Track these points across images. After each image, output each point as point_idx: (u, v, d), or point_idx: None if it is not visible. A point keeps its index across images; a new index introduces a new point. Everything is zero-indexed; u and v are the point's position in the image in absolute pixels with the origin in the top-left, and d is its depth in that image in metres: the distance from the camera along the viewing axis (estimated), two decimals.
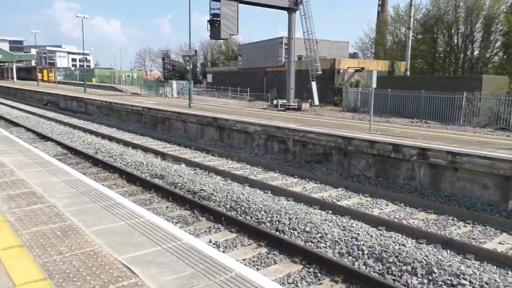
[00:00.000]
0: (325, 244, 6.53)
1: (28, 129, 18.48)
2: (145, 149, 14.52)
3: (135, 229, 3.97)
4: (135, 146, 15.09)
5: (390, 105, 24.67)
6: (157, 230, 3.96)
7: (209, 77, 58.74)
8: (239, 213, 8.20)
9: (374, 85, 13.38)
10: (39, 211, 4.39)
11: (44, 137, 16.38)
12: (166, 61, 41.29)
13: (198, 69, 73.36)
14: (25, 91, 40.81)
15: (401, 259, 5.79)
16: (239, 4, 23.23)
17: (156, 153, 13.95)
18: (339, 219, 7.61)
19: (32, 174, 6.05)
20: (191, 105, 23.35)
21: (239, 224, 7.40)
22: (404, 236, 6.85)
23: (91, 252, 3.42)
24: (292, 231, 7.01)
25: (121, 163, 12.28)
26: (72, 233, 3.80)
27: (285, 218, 7.48)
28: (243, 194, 9.17)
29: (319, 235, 6.77)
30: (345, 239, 6.54)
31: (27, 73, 76.85)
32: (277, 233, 6.99)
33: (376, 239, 6.48)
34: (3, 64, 77.95)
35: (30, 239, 3.64)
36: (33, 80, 63.88)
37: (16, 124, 20.14)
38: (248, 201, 8.65)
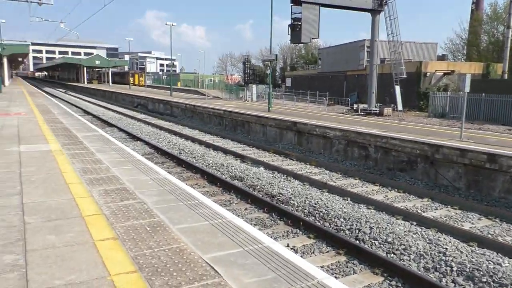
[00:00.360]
0: (409, 257, 6.18)
1: (120, 129, 19.94)
2: (226, 151, 14.92)
3: (218, 229, 4.07)
4: (216, 148, 15.57)
5: (484, 111, 22.80)
6: (239, 232, 4.03)
7: (288, 81, 58.98)
8: (317, 218, 8.08)
9: (467, 89, 12.46)
10: (131, 207, 4.69)
11: (134, 137, 17.56)
12: (246, 65, 42.16)
13: (277, 73, 74.01)
14: (119, 94, 44.21)
15: (496, 280, 5.29)
16: (320, 8, 23.01)
17: (236, 155, 14.27)
18: (424, 231, 7.17)
19: (125, 171, 6.50)
20: (270, 109, 23.60)
21: (317, 230, 7.28)
22: (499, 255, 6.25)
23: (177, 249, 3.57)
24: (373, 241, 6.74)
25: (202, 164, 12.73)
26: (160, 230, 4.01)
27: (366, 227, 7.22)
28: (321, 199, 9.02)
29: (402, 247, 6.43)
30: (431, 253, 6.14)
31: (120, 78, 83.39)
32: (357, 241, 6.77)
33: (466, 256, 5.99)
34: (100, 69, 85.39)
35: (123, 233, 3.90)
36: (126, 84, 69.06)
37: (110, 124, 21.84)
38: (327, 207, 8.49)
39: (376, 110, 26.45)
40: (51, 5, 32.71)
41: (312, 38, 24.53)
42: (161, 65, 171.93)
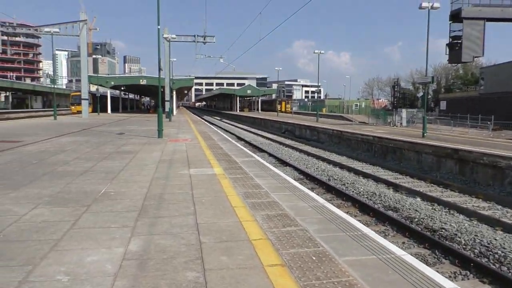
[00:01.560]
0: None
1: (270, 154, 20.82)
2: (377, 179, 14.29)
3: (387, 265, 3.81)
4: (366, 175, 15.04)
5: None
6: (411, 270, 3.71)
7: (442, 104, 54.44)
8: (491, 261, 7.06)
9: None
10: (294, 234, 4.74)
11: (284, 162, 18.11)
12: (396, 89, 40.39)
13: (429, 96, 69.08)
14: (267, 121, 46.62)
15: None
16: (486, 22, 20.80)
17: (388, 183, 13.55)
18: None
19: (283, 197, 6.67)
20: (425, 134, 21.95)
21: (493, 275, 6.34)
22: None
23: (347, 283, 3.43)
24: None
25: (353, 191, 12.41)
26: (326, 260, 3.93)
27: None
28: (495, 239, 7.89)
29: None
30: None
31: (268, 105, 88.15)
32: None
33: None
34: (251, 97, 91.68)
35: (289, 260, 3.93)
36: (273, 111, 72.64)
37: (261, 150, 23.02)
38: (504, 248, 7.38)
39: None
40: (213, 42, 36.61)
41: (475, 57, 22.25)
42: (306, 91, 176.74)
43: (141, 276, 3.56)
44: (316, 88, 58.71)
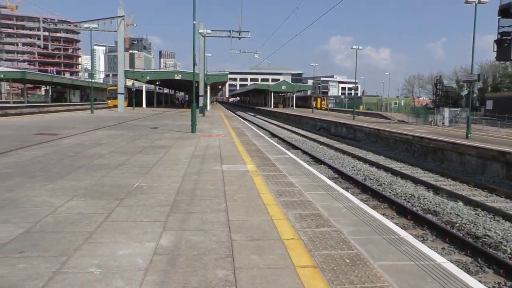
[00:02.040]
0: None
1: (304, 152, 20.67)
2: (415, 181, 13.90)
3: (426, 272, 3.67)
4: (404, 176, 14.67)
5: None
6: (451, 279, 3.56)
7: (489, 104, 52.24)
8: None
9: None
10: (327, 235, 4.66)
11: (318, 160, 17.93)
12: (438, 87, 39.00)
13: (474, 95, 66.54)
14: (302, 118, 46.33)
15: None
16: None
17: (428, 185, 13.15)
18: None
19: (317, 196, 6.58)
20: (469, 135, 21.14)
21: None
22: None
23: None
24: None
25: (390, 193, 12.13)
26: (360, 263, 3.83)
27: None
28: None
29: None
30: None
31: (303, 101, 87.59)
32: None
33: None
34: (285, 93, 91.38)
35: (322, 262, 3.86)
36: (308, 108, 72.04)
37: (295, 147, 22.89)
38: None
39: None
40: (248, 38, 36.73)
41: None
42: (343, 88, 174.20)
43: (171, 271, 3.60)
44: (353, 85, 57.70)
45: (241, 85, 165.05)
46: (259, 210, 5.67)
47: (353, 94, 56.81)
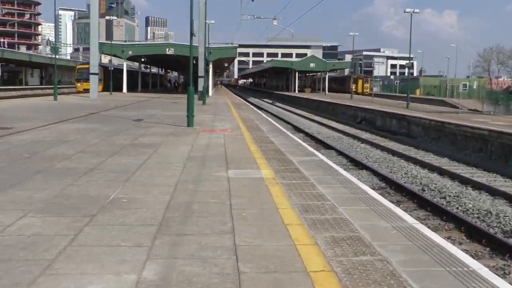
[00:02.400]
0: None
1: (339, 153, 20.63)
2: (493, 192, 13.77)
3: None
4: (477, 186, 14.55)
5: None
6: None
7: None
8: None
9: None
10: (369, 265, 4.62)
11: (358, 164, 17.89)
12: None
13: None
14: (337, 106, 46.24)
15: None
16: None
17: (510, 199, 13.00)
18: None
19: (356, 213, 6.55)
20: None
21: None
22: None
23: None
24: None
25: (457, 208, 12.09)
26: None
27: None
28: None
29: None
30: None
31: (339, 84, 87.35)
32: None
33: None
34: (315, 74, 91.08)
35: None
36: (345, 92, 71.90)
37: (326, 146, 22.86)
38: None
39: None
40: None
41: None
42: (392, 66, 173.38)
43: None
44: (407, 61, 57.27)
45: (254, 62, 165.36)
46: (277, 232, 5.66)
47: (407, 74, 56.44)
